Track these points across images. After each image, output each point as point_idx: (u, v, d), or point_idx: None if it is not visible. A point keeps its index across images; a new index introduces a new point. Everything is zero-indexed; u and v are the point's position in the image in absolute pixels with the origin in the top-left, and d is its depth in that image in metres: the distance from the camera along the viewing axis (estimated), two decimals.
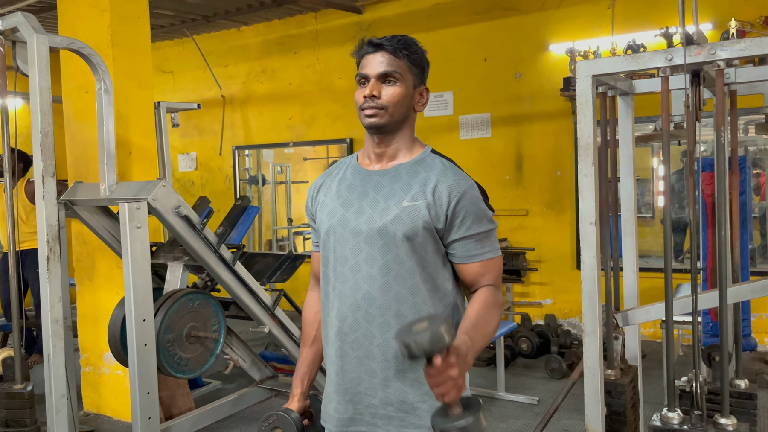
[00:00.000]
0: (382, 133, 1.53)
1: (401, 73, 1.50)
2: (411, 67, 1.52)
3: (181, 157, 8.03)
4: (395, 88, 1.50)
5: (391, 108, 1.49)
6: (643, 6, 5.33)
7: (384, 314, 1.49)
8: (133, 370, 2.80)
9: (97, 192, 3.07)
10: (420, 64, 1.54)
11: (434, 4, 6.24)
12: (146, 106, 4.06)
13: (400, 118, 1.52)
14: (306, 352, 1.73)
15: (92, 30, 3.83)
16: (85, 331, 4.09)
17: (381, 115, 1.49)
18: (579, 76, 2.14)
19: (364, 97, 1.50)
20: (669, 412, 2.10)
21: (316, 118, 7.06)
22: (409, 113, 1.55)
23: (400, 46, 1.50)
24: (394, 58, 1.50)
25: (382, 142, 1.55)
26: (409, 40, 1.54)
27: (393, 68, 1.49)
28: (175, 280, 3.37)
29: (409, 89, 1.52)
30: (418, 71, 1.54)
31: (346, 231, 1.54)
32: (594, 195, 2.14)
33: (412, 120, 1.58)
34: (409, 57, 1.51)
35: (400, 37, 1.53)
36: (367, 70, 1.51)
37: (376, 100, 1.49)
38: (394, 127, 1.53)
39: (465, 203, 1.48)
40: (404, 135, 1.56)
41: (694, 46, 1.94)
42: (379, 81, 1.50)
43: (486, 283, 1.53)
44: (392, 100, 1.49)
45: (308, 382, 1.70)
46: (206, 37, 7.47)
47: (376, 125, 1.50)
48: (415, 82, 1.54)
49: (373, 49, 1.51)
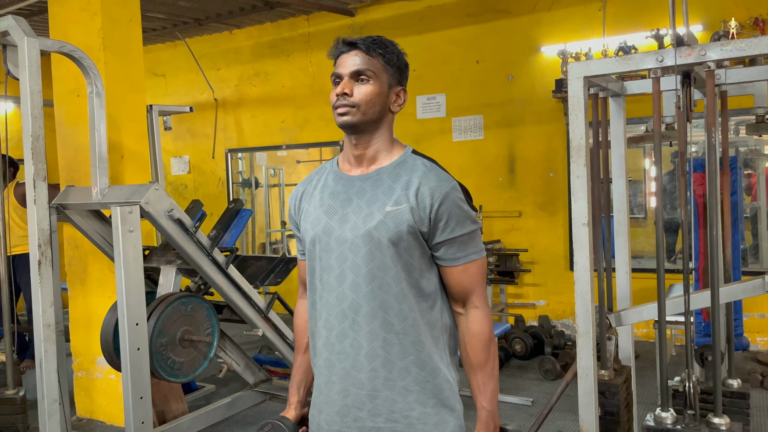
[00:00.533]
0: (357, 133, 1.50)
1: (374, 72, 1.48)
2: (386, 66, 1.50)
3: (173, 160, 8.01)
4: (368, 87, 1.47)
5: (363, 106, 1.47)
6: (634, 8, 5.36)
7: (370, 323, 1.47)
8: (126, 375, 2.79)
9: (89, 196, 3.06)
10: (396, 64, 1.52)
11: (426, 7, 6.25)
12: (138, 109, 4.04)
13: (373, 117, 1.49)
14: (300, 359, 1.72)
15: (83, 33, 3.82)
16: (78, 335, 4.07)
17: (353, 113, 1.47)
18: (570, 77, 2.15)
19: (336, 95, 1.48)
20: (662, 412, 2.10)
21: (309, 121, 7.06)
22: (385, 113, 1.52)
23: (375, 45, 1.49)
24: (367, 56, 1.48)
25: (359, 144, 1.52)
26: (386, 41, 1.52)
27: (366, 66, 1.47)
28: (168, 283, 3.36)
29: (383, 88, 1.49)
30: (394, 71, 1.52)
31: (331, 239, 1.52)
32: (586, 196, 2.15)
33: (390, 121, 1.55)
34: (383, 56, 1.49)
35: (376, 37, 1.51)
36: (340, 69, 1.49)
37: (347, 98, 1.46)
38: (368, 127, 1.50)
39: (448, 205, 1.47)
40: (382, 136, 1.53)
41: (684, 48, 1.95)
42: (352, 79, 1.47)
43: (473, 299, 1.53)
44: (364, 99, 1.47)
45: (304, 389, 1.70)
46: (198, 41, 7.45)
47: (348, 123, 1.48)
48: (391, 82, 1.51)
49: (347, 48, 1.50)
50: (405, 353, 1.48)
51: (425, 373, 1.49)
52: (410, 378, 1.48)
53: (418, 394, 1.48)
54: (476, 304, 1.53)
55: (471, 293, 1.53)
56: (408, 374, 1.48)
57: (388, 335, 1.47)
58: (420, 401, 1.49)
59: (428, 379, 1.49)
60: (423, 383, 1.49)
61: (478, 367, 1.53)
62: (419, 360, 1.49)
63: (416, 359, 1.48)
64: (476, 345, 1.53)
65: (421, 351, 1.49)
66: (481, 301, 1.54)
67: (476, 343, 1.53)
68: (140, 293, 2.83)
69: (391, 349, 1.47)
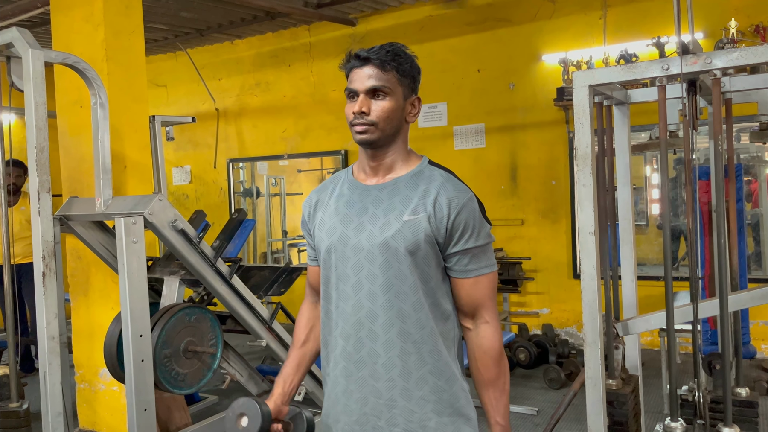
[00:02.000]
0: (374, 148, 1.51)
1: (390, 87, 1.47)
2: (401, 78, 1.49)
3: (175, 170, 8.02)
4: (385, 103, 1.47)
5: (382, 123, 1.47)
6: (635, 16, 5.38)
7: (387, 332, 1.47)
8: (129, 387, 2.77)
9: (92, 207, 3.05)
10: (410, 73, 1.51)
11: (427, 16, 6.28)
12: (141, 120, 4.04)
13: (391, 132, 1.50)
14: (294, 354, 1.68)
15: (86, 45, 3.82)
16: (81, 347, 4.05)
17: (372, 131, 1.47)
18: (576, 86, 2.14)
19: (353, 113, 1.48)
20: (672, 422, 2.09)
21: (311, 130, 7.07)
22: (401, 125, 1.52)
23: (389, 58, 1.47)
24: (381, 71, 1.47)
25: (376, 157, 1.53)
26: (398, 50, 1.50)
27: (381, 83, 1.46)
28: (171, 294, 3.35)
29: (400, 102, 1.49)
30: (409, 81, 1.51)
31: (347, 248, 1.51)
32: (593, 205, 2.14)
33: (405, 131, 1.55)
34: (398, 68, 1.48)
35: (389, 47, 1.49)
36: (355, 85, 1.48)
37: (365, 116, 1.46)
38: (386, 141, 1.50)
39: (465, 215, 1.47)
40: (398, 147, 1.53)
41: (690, 56, 1.95)
42: (368, 96, 1.47)
43: (483, 314, 1.52)
44: (382, 116, 1.47)
45: (290, 384, 1.63)
46: (200, 51, 7.48)
47: (367, 141, 1.48)
48: (406, 93, 1.51)
49: (360, 62, 1.48)
50: (422, 362, 1.48)
51: (442, 383, 1.49)
52: (427, 388, 1.48)
53: (435, 404, 1.48)
54: (486, 318, 1.53)
55: (481, 307, 1.52)
56: (425, 384, 1.48)
57: (405, 344, 1.47)
58: (437, 411, 1.48)
59: (445, 388, 1.49)
60: (440, 393, 1.49)
61: (490, 383, 1.53)
62: (436, 369, 1.48)
63: (433, 368, 1.48)
64: (487, 361, 1.52)
65: (438, 360, 1.49)
66: (491, 315, 1.53)
67: (487, 360, 1.52)
68: (144, 304, 2.82)
69: (408, 358, 1.47)
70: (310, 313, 1.72)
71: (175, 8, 5.86)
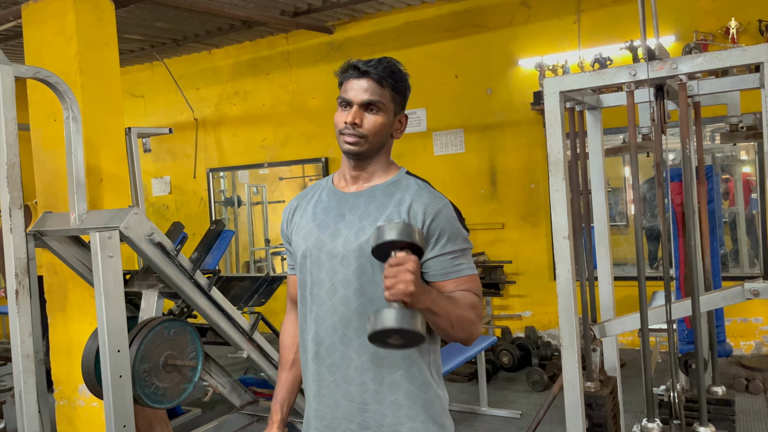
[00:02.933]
0: (359, 159, 1.54)
1: (384, 103, 1.50)
2: (394, 96, 1.52)
3: (154, 181, 7.96)
4: (377, 118, 1.49)
5: (371, 137, 1.50)
6: (608, 20, 5.45)
7: (361, 336, 1.47)
8: (108, 403, 2.74)
9: (67, 222, 3.01)
10: (403, 92, 1.55)
11: (404, 23, 6.30)
12: (116, 132, 4.01)
13: (378, 146, 1.53)
14: (284, 377, 1.72)
15: (59, 58, 3.79)
16: (59, 363, 4.00)
17: (361, 144, 1.50)
18: (546, 92, 2.17)
19: (345, 122, 1.49)
20: (648, 422, 2.11)
21: (291, 138, 7.06)
22: (387, 140, 1.56)
23: (386, 74, 1.50)
24: (378, 87, 1.49)
25: (357, 167, 1.55)
26: (394, 68, 1.52)
27: (377, 98, 1.49)
28: (150, 308, 3.31)
29: (390, 118, 1.52)
30: (401, 99, 1.55)
31: (322, 253, 1.53)
32: (566, 209, 2.16)
33: (390, 145, 1.58)
34: (393, 86, 1.51)
35: (386, 63, 1.51)
36: (350, 96, 1.50)
37: (357, 128, 1.49)
38: (371, 154, 1.53)
39: (440, 221, 1.48)
40: (380, 159, 1.56)
41: (656, 62, 1.98)
42: (362, 108, 1.49)
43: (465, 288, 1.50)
44: (373, 130, 1.49)
45: (287, 407, 1.69)
46: (177, 61, 7.44)
47: (354, 152, 1.51)
48: (396, 110, 1.54)
49: (358, 74, 1.50)
50: (395, 367, 1.48)
51: (415, 388, 1.49)
52: (400, 392, 1.48)
53: (408, 409, 1.48)
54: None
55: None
56: (398, 388, 1.48)
57: (378, 349, 1.45)
58: (410, 416, 1.48)
59: (418, 393, 1.49)
60: (413, 398, 1.49)
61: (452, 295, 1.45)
62: (409, 374, 1.48)
63: (406, 373, 1.48)
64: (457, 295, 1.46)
65: (411, 365, 1.49)
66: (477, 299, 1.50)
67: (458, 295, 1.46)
68: (121, 319, 2.79)
69: (381, 363, 1.47)
70: (293, 330, 1.71)
71: (151, 19, 5.83)
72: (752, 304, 4.85)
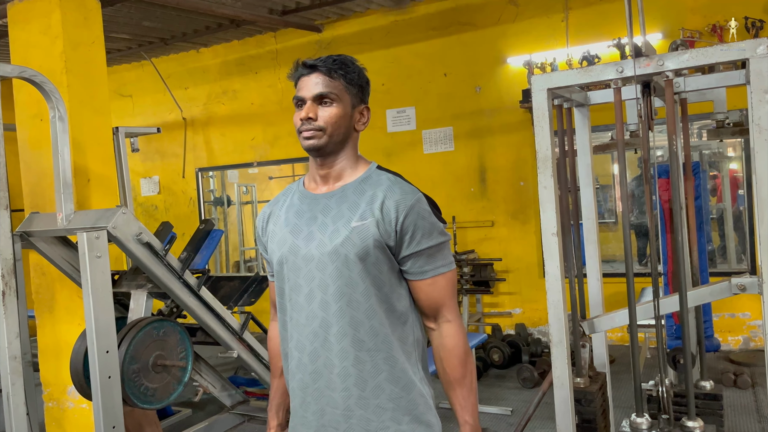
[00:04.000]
0: (323, 155, 1.51)
1: (337, 94, 1.48)
2: (348, 86, 1.50)
3: (143, 181, 7.91)
4: (332, 109, 1.48)
5: (329, 129, 1.48)
6: (596, 18, 5.47)
7: (341, 341, 1.46)
8: (97, 404, 2.72)
9: (54, 222, 2.99)
10: (358, 83, 1.53)
11: (392, 22, 6.30)
12: (103, 132, 3.98)
13: (339, 139, 1.50)
14: (276, 383, 1.71)
15: (45, 57, 3.75)
16: (47, 365, 3.97)
17: (319, 136, 1.47)
18: (534, 90, 2.18)
19: (300, 119, 1.48)
20: (637, 417, 2.12)
21: (279, 138, 7.04)
22: (350, 133, 1.53)
23: (336, 66, 1.49)
24: (329, 78, 1.48)
25: (324, 164, 1.53)
26: (346, 60, 1.52)
27: (328, 89, 1.48)
28: (139, 308, 3.30)
29: (347, 109, 1.50)
30: (356, 90, 1.53)
31: (298, 258, 1.51)
32: (554, 206, 2.17)
33: (355, 139, 1.56)
34: (345, 77, 1.50)
35: (336, 56, 1.51)
36: (302, 93, 1.49)
37: (312, 122, 1.47)
38: (334, 148, 1.50)
39: (413, 217, 1.46)
40: (347, 154, 1.54)
41: (643, 58, 1.99)
42: (315, 102, 1.48)
43: (444, 313, 1.51)
44: (330, 121, 1.47)
45: (283, 412, 1.69)
46: (165, 60, 7.40)
47: (314, 147, 1.48)
48: (354, 102, 1.52)
49: (307, 70, 1.50)
50: (377, 370, 1.47)
51: (399, 389, 1.48)
52: (384, 396, 1.47)
53: (392, 412, 1.47)
54: (448, 317, 1.53)
55: (441, 307, 1.52)
56: (381, 392, 1.47)
57: (359, 353, 1.46)
58: (395, 419, 1.47)
59: (402, 395, 1.48)
60: (397, 400, 1.48)
61: (457, 382, 1.52)
62: (392, 376, 1.48)
63: (389, 375, 1.47)
64: (452, 361, 1.52)
65: (394, 366, 1.48)
66: (453, 314, 1.53)
67: (452, 359, 1.52)
68: (110, 320, 2.78)
69: (363, 366, 1.46)
70: (279, 337, 1.70)
71: (138, 18, 5.79)
72: (740, 299, 4.89)
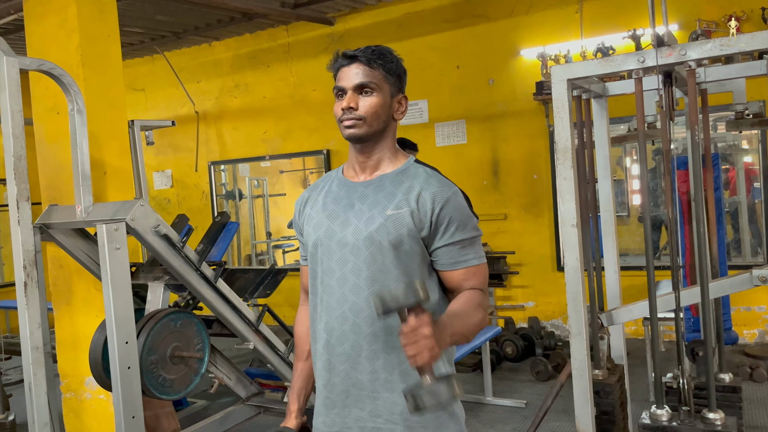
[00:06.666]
0: (362, 143, 1.55)
1: (377, 84, 1.52)
2: (387, 76, 1.54)
3: (156, 174, 7.95)
4: (372, 99, 1.51)
5: (369, 118, 1.51)
6: (610, 9, 5.43)
7: (371, 325, 1.48)
8: (116, 395, 2.74)
9: (72, 214, 3.02)
10: (396, 72, 1.56)
11: (404, 14, 6.28)
12: (119, 125, 4.00)
13: (379, 128, 1.54)
14: (300, 367, 1.72)
15: (61, 51, 3.77)
16: (65, 356, 4.00)
17: (360, 126, 1.51)
18: (554, 80, 2.16)
19: (342, 109, 1.52)
20: (657, 409, 2.12)
21: (292, 131, 7.05)
22: (389, 122, 1.57)
23: (375, 57, 1.52)
24: (369, 68, 1.51)
25: (363, 152, 1.56)
26: (384, 50, 1.55)
27: (368, 79, 1.51)
28: (156, 300, 3.32)
29: (387, 98, 1.54)
30: (395, 80, 1.56)
31: (333, 242, 1.54)
32: (574, 197, 2.16)
33: (393, 129, 1.59)
34: (384, 66, 1.53)
35: (374, 47, 1.55)
36: (343, 83, 1.53)
37: (353, 111, 1.51)
38: (374, 137, 1.54)
39: (449, 210, 1.49)
40: (386, 144, 1.57)
41: (665, 48, 1.97)
42: (356, 92, 1.51)
43: (470, 286, 1.53)
44: (370, 111, 1.51)
45: (304, 397, 1.69)
46: (177, 54, 7.42)
47: (355, 136, 1.52)
48: (392, 91, 1.55)
49: (347, 61, 1.53)
50: (405, 356, 1.48)
51: None
52: (411, 381, 1.47)
53: None
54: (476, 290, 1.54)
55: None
56: (409, 377, 1.48)
57: (389, 338, 1.48)
58: None
59: None
60: None
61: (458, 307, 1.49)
62: None
63: None
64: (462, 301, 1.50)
65: None
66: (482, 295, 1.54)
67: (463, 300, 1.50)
68: (129, 311, 2.80)
69: (392, 351, 1.48)
70: (307, 321, 1.71)
71: (151, 11, 5.81)
72: (756, 292, 4.85)
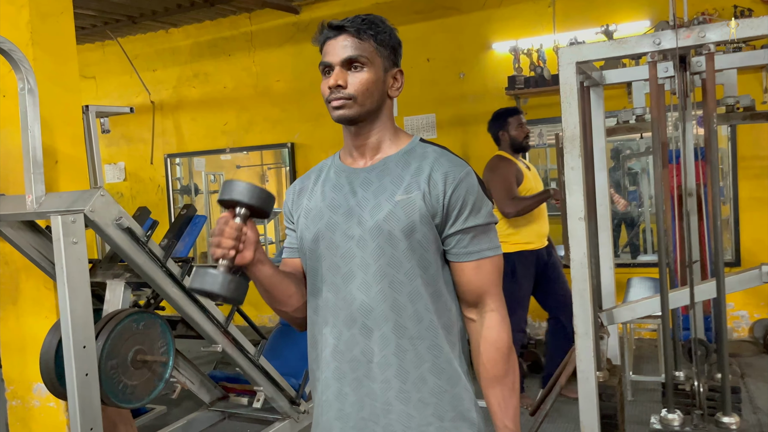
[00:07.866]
0: (355, 125, 1.37)
1: (368, 57, 1.34)
2: (379, 48, 1.36)
3: (108, 167, 7.55)
4: (362, 74, 1.33)
5: (361, 97, 1.33)
6: (583, 5, 5.38)
7: (381, 327, 1.31)
8: (72, 404, 2.48)
9: (22, 205, 2.73)
10: (389, 44, 1.38)
11: (374, 4, 6.10)
12: (73, 110, 3.69)
13: (372, 107, 1.36)
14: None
15: (9, 28, 3.45)
16: (11, 360, 3.68)
17: (349, 105, 1.33)
18: (562, 63, 2.02)
19: (329, 88, 1.34)
20: (668, 413, 2.01)
21: (254, 123, 6.78)
22: (384, 100, 1.39)
23: (365, 27, 1.34)
24: (358, 40, 1.34)
25: (359, 135, 1.39)
26: (375, 19, 1.38)
27: (358, 52, 1.33)
28: (116, 299, 3.06)
29: (379, 73, 1.36)
30: (388, 52, 1.38)
31: (336, 236, 1.36)
32: (582, 189, 2.03)
33: (389, 107, 1.42)
34: (375, 37, 1.35)
35: (365, 16, 1.37)
36: (329, 58, 1.34)
37: (342, 90, 1.33)
38: (367, 117, 1.36)
39: (462, 191, 1.33)
40: (383, 124, 1.40)
41: (683, 29, 1.86)
42: (344, 68, 1.33)
43: (487, 301, 1.37)
44: (360, 88, 1.33)
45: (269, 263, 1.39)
46: (132, 40, 7.04)
47: (345, 117, 1.34)
48: (386, 65, 1.38)
49: (334, 32, 1.35)
50: (420, 360, 1.32)
51: (443, 382, 1.34)
52: (426, 389, 1.32)
53: (435, 407, 1.33)
54: (492, 307, 1.38)
55: (485, 294, 1.38)
56: (424, 384, 1.32)
57: (401, 340, 1.31)
58: (437, 415, 1.33)
59: (446, 388, 1.34)
60: (441, 394, 1.33)
61: (497, 380, 1.37)
62: (436, 367, 1.33)
63: (433, 366, 1.33)
64: (494, 355, 1.36)
65: (438, 356, 1.33)
66: (497, 303, 1.39)
67: (494, 353, 1.37)
68: (87, 312, 2.54)
69: (405, 356, 1.32)
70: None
71: None
72: None
